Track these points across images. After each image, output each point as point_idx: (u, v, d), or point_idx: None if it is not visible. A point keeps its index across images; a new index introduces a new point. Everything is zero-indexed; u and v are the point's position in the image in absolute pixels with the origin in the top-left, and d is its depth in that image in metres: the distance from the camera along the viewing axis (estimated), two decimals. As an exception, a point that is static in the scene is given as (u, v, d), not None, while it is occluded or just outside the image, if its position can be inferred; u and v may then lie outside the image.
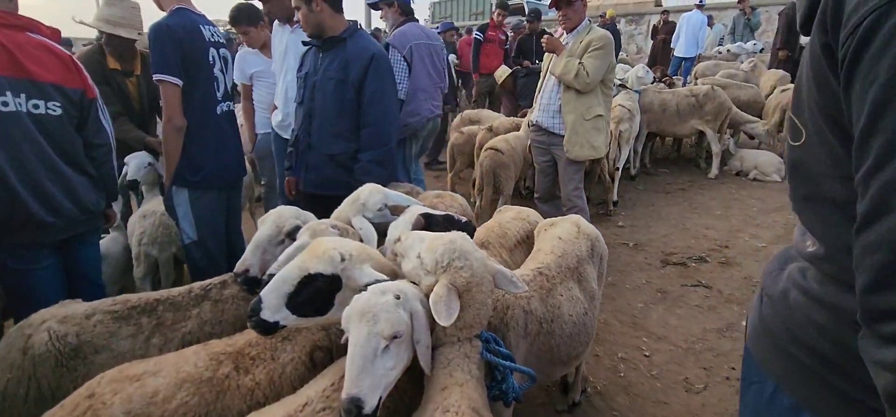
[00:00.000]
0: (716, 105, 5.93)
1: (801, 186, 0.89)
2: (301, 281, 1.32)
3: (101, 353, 1.61)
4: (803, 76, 0.83)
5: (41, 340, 1.54)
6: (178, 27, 2.30)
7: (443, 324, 1.22)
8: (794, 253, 0.99)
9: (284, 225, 1.78)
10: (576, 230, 2.00)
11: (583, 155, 3.53)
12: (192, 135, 2.43)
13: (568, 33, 3.59)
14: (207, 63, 2.44)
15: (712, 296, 3.57)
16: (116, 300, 1.74)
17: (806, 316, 0.87)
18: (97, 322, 1.65)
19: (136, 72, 3.28)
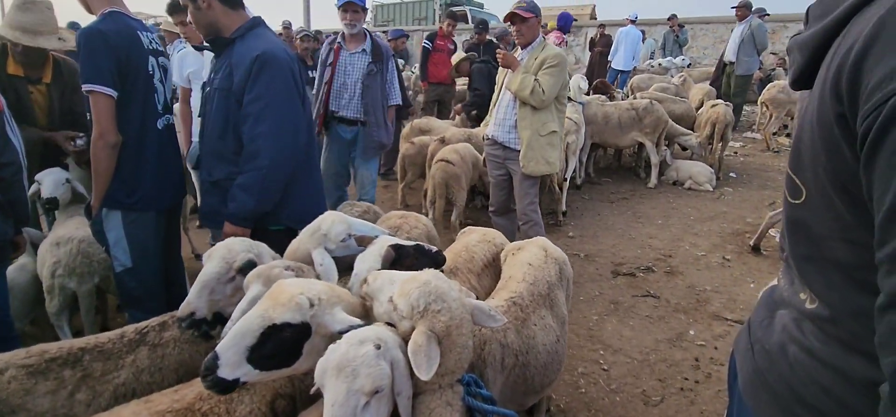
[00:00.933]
0: (654, 118, 6.24)
1: (801, 245, 0.87)
2: (264, 332, 1.17)
3: (17, 414, 1.38)
4: (805, 137, 0.80)
5: None
6: (112, 33, 2.03)
7: (423, 377, 1.11)
8: (784, 299, 0.96)
9: (234, 261, 1.58)
10: (543, 255, 1.97)
11: (538, 170, 3.55)
12: (129, 151, 2.15)
13: (523, 49, 3.62)
14: (146, 72, 2.18)
15: (661, 306, 3.71)
16: (31, 351, 1.49)
17: (809, 375, 0.85)
18: (10, 378, 1.40)
19: (46, 80, 2.90)
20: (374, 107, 3.91)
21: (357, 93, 3.89)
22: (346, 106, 3.94)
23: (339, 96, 3.94)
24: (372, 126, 3.93)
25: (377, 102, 3.93)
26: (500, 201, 3.92)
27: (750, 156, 8.15)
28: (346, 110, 3.95)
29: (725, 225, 5.27)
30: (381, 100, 3.98)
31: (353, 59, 3.90)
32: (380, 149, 4.14)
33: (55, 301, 2.49)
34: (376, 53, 3.91)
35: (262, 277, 1.44)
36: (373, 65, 3.87)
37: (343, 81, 3.91)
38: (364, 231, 1.74)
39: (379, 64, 3.91)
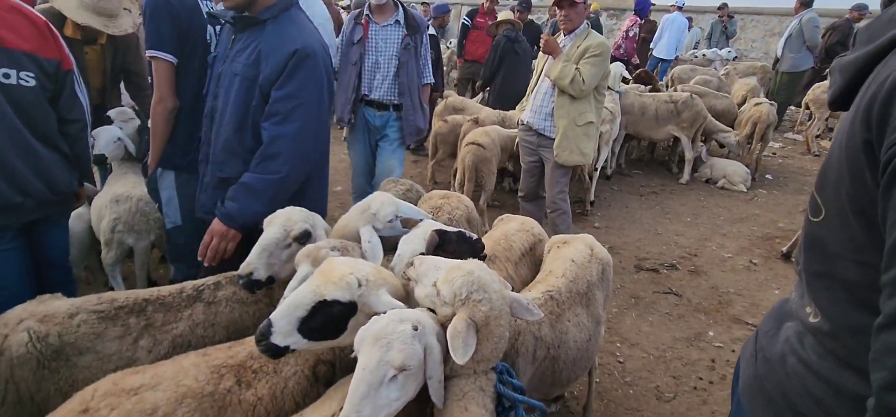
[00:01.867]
0: (693, 113, 6.11)
1: (815, 262, 0.92)
2: (314, 306, 1.27)
3: (85, 355, 1.52)
4: (834, 159, 0.85)
5: (20, 341, 1.43)
6: (176, 2, 2.14)
7: (459, 362, 1.20)
8: (791, 312, 1.02)
9: (292, 229, 1.71)
10: (589, 253, 2.01)
11: (572, 161, 3.55)
12: (185, 116, 2.28)
13: (566, 35, 3.57)
14: (204, 40, 2.28)
15: (682, 305, 3.74)
16: (102, 298, 1.64)
17: (803, 386, 0.91)
18: (81, 321, 1.54)
19: (101, 41, 3.03)
20: (409, 87, 3.47)
21: (391, 72, 3.45)
22: (379, 87, 3.48)
23: (371, 76, 3.47)
24: (407, 109, 3.51)
25: (413, 82, 3.50)
26: (529, 187, 3.96)
27: (789, 158, 7.91)
28: (378, 92, 3.49)
29: (756, 228, 5.19)
30: (417, 80, 3.55)
31: (384, 32, 3.43)
32: (417, 134, 3.69)
33: (112, 253, 2.68)
34: (411, 26, 3.45)
35: (311, 257, 1.55)
36: (409, 39, 3.42)
37: (375, 60, 3.44)
38: (410, 213, 1.83)
39: (414, 37, 3.47)
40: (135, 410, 1.27)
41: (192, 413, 1.32)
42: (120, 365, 1.51)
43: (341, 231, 1.83)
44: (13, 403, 1.42)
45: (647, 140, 6.94)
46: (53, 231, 2.20)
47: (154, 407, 1.29)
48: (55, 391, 1.43)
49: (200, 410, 1.34)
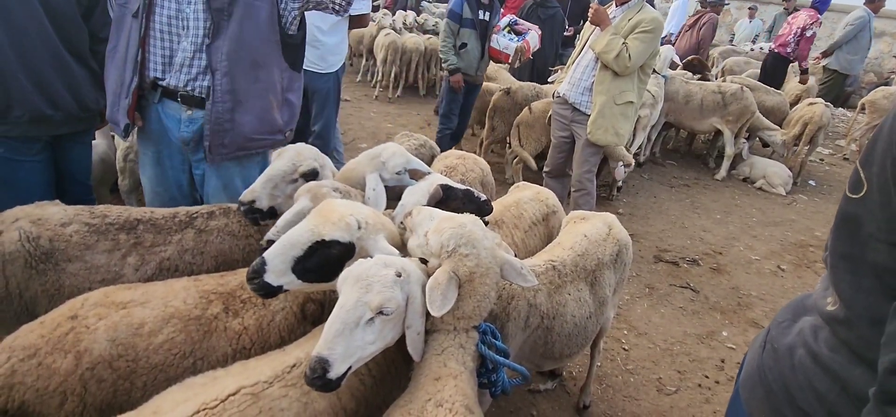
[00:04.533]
0: (741, 106, 5.78)
1: (845, 242, 0.87)
2: (311, 246, 1.25)
3: (73, 263, 1.55)
4: (885, 129, 0.80)
5: (11, 238, 1.47)
6: None
7: (434, 314, 1.17)
8: (811, 306, 0.97)
9: (301, 165, 1.70)
10: (606, 231, 1.93)
11: (605, 140, 3.39)
12: None
13: (617, 6, 3.34)
14: None
15: (698, 301, 3.60)
16: (95, 211, 1.66)
17: (808, 380, 0.87)
18: (73, 231, 1.57)
19: None
20: (234, 55, 1.76)
21: (199, 37, 1.75)
22: (190, 65, 1.79)
23: (168, 43, 1.80)
24: (221, 96, 1.77)
25: (245, 44, 1.77)
26: (556, 163, 3.83)
27: (836, 165, 7.45)
28: (188, 73, 1.80)
29: (789, 233, 4.93)
30: (262, 37, 1.81)
31: None
32: (237, 151, 1.89)
33: (126, 181, 2.77)
34: None
35: (311, 193, 1.53)
36: None
37: (176, 8, 1.75)
38: (419, 166, 1.79)
39: None
40: (122, 323, 1.30)
41: (177, 333, 1.35)
42: (107, 279, 1.54)
43: (347, 175, 1.81)
44: (2, 297, 1.46)
45: (687, 130, 6.63)
46: (78, 147, 2.26)
47: (141, 323, 1.32)
48: (42, 292, 1.47)
49: (186, 332, 1.36)
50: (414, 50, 7.47)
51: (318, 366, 1.06)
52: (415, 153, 2.87)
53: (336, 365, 1.07)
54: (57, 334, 1.23)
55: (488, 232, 1.31)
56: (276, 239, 1.43)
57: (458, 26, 4.35)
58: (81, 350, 1.23)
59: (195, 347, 1.36)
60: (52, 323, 1.25)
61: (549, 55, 6.24)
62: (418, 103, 7.68)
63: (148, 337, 1.30)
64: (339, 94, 3.51)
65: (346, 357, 1.09)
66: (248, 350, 1.43)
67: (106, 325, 1.27)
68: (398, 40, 7.29)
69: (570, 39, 7.25)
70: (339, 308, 1.14)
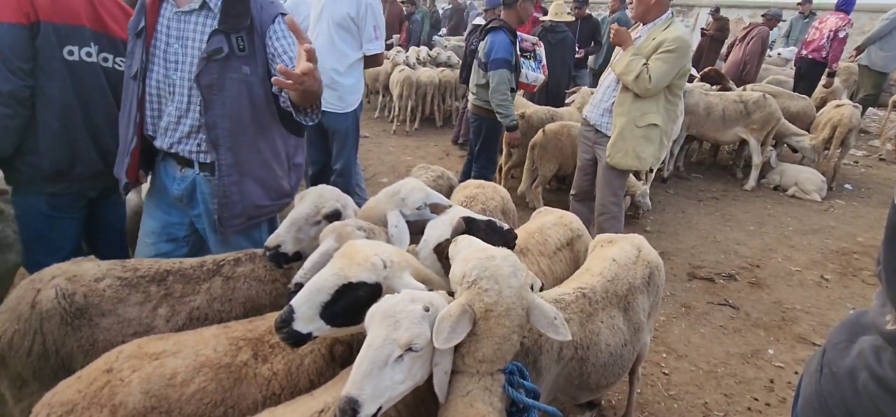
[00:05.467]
0: (765, 114, 5.65)
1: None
2: (338, 289, 1.24)
3: (107, 317, 1.57)
4: None
5: (49, 296, 1.50)
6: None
7: (436, 345, 1.12)
8: (869, 324, 0.90)
9: (323, 207, 1.71)
10: (635, 254, 1.86)
11: (625, 164, 3.26)
12: None
13: (644, 25, 3.25)
14: None
15: (739, 318, 3.44)
16: (126, 265, 1.69)
17: (875, 406, 0.80)
18: (106, 286, 1.60)
19: None
20: (234, 129, 1.78)
21: (192, 99, 1.77)
22: (174, 128, 1.83)
23: (158, 105, 1.85)
24: (227, 170, 1.80)
25: (242, 119, 1.79)
26: (581, 186, 3.73)
27: (872, 167, 7.16)
28: (171, 135, 1.84)
29: (830, 241, 4.72)
30: (258, 110, 1.82)
31: (183, 24, 1.77)
32: (248, 221, 1.93)
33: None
34: (232, 13, 1.72)
35: (336, 233, 1.52)
36: (222, 39, 1.69)
37: (164, 74, 1.80)
38: (439, 200, 1.78)
39: (239, 37, 1.72)
40: (155, 374, 1.30)
41: (208, 382, 1.34)
42: (139, 331, 1.55)
43: (368, 213, 1.81)
44: (39, 354, 1.48)
45: (711, 142, 6.50)
46: (114, 195, 2.28)
47: (173, 373, 1.32)
48: (78, 348, 1.49)
49: (217, 380, 1.35)
50: (428, 83, 7.60)
51: (347, 408, 1.03)
52: (433, 185, 2.87)
53: (366, 406, 1.04)
54: (93, 388, 1.23)
55: (521, 272, 1.26)
56: (303, 281, 1.42)
57: (511, 74, 4.04)
58: (116, 404, 1.23)
59: (226, 395, 1.35)
60: (89, 378, 1.26)
61: (563, 78, 6.27)
62: (435, 134, 7.76)
63: (180, 388, 1.30)
64: (357, 132, 3.56)
65: (375, 397, 1.06)
66: (277, 396, 1.42)
67: (140, 377, 1.27)
68: (413, 75, 7.43)
69: (583, 61, 7.28)
70: (367, 346, 1.12)
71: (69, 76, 1.91)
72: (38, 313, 1.47)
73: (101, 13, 1.98)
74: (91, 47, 1.95)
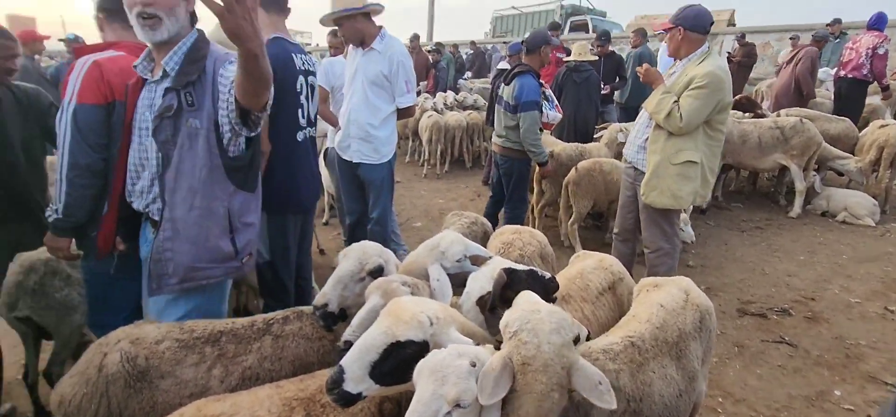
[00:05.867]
0: (804, 139, 5.47)
1: None
2: (387, 348, 1.25)
3: (166, 379, 1.62)
4: None
5: (114, 360, 1.57)
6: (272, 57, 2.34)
7: (482, 402, 1.12)
8: None
9: (367, 263, 1.74)
10: (683, 298, 1.80)
11: (660, 202, 3.17)
12: (275, 160, 2.46)
13: (679, 60, 3.23)
14: (295, 91, 2.48)
15: (798, 357, 3.25)
16: (184, 327, 1.75)
17: None
18: (165, 348, 1.66)
19: None
20: (174, 184, 1.79)
21: (153, 168, 1.82)
22: (149, 189, 1.87)
23: (136, 173, 1.88)
24: (165, 225, 1.80)
25: (183, 172, 1.78)
26: (623, 224, 3.64)
27: (931, 187, 6.76)
28: (148, 197, 1.87)
29: (891, 268, 4.44)
30: (200, 163, 1.78)
31: (153, 93, 1.84)
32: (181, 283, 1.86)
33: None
34: (185, 71, 1.76)
35: (381, 290, 1.55)
36: (173, 95, 1.74)
37: (138, 142, 1.86)
38: (479, 252, 1.79)
39: (189, 92, 1.76)
40: (214, 437, 1.33)
41: (264, 444, 1.36)
42: (195, 392, 1.59)
43: (409, 267, 1.83)
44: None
45: (749, 169, 6.32)
46: None
47: (231, 436, 1.34)
48: (139, 410, 1.53)
49: (272, 441, 1.37)
50: (456, 127, 7.77)
51: None
52: (467, 231, 2.89)
53: None
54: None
55: (565, 329, 1.24)
56: (352, 338, 1.45)
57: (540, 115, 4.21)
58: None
59: (281, 457, 1.36)
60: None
61: (590, 115, 6.30)
62: (466, 176, 7.84)
63: (238, 451, 1.32)
64: (393, 181, 3.65)
65: None
66: (330, 456, 1.42)
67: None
68: (441, 120, 7.61)
69: (609, 97, 7.31)
70: (415, 402, 1.12)
71: None
72: (105, 376, 1.54)
73: None
74: None
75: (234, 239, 1.87)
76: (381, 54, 3.29)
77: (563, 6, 17.12)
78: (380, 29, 3.34)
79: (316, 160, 2.79)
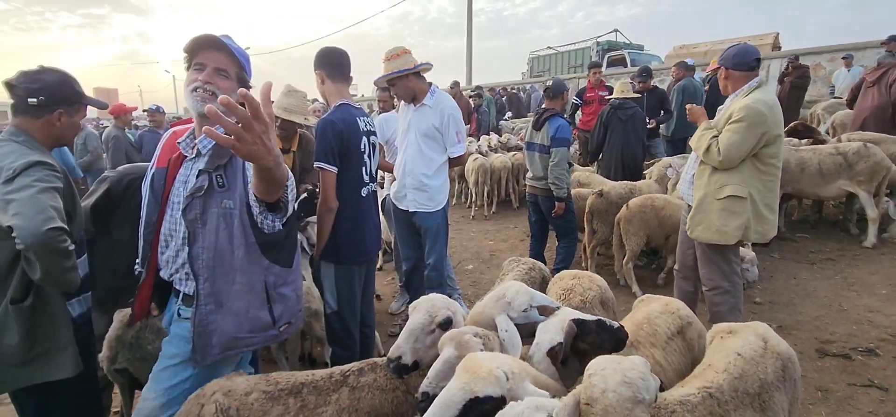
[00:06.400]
0: (870, 165, 5.18)
1: None
2: (466, 404, 1.30)
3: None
4: None
5: (210, 412, 1.69)
6: (339, 121, 2.57)
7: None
8: None
9: (436, 316, 1.81)
10: (761, 346, 1.75)
11: (705, 237, 3.13)
12: (341, 215, 2.63)
13: (729, 94, 3.21)
14: (359, 151, 2.67)
15: (889, 401, 2.99)
16: (269, 379, 1.86)
17: None
18: (254, 400, 1.76)
19: (293, 149, 3.76)
20: (212, 261, 1.82)
21: (179, 240, 1.88)
22: (174, 260, 1.91)
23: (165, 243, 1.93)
24: (205, 299, 1.83)
25: (221, 250, 1.81)
26: (684, 261, 3.57)
27: None
28: (172, 268, 1.92)
29: None
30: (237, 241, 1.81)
31: (187, 170, 1.90)
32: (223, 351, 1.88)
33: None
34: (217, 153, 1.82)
35: (455, 341, 1.61)
36: (204, 177, 1.79)
37: (170, 214, 1.90)
38: (545, 302, 1.82)
39: (220, 174, 1.81)
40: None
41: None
42: (279, 442, 1.68)
43: (476, 318, 1.88)
44: None
45: (811, 198, 6.01)
46: None
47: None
48: (228, 457, 1.63)
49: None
50: (502, 168, 7.90)
51: None
52: (526, 279, 2.91)
53: None
54: None
55: (640, 387, 1.24)
56: (429, 389, 1.51)
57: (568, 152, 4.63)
58: None
59: None
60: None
61: (638, 151, 6.25)
62: (513, 216, 7.87)
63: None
64: (447, 227, 3.75)
65: None
66: None
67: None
68: (486, 162, 7.76)
69: (654, 131, 7.23)
70: None
71: None
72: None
73: None
74: None
75: (271, 309, 1.91)
76: (432, 109, 3.46)
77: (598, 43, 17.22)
78: (430, 85, 3.53)
79: (378, 212, 2.94)
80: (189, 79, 1.79)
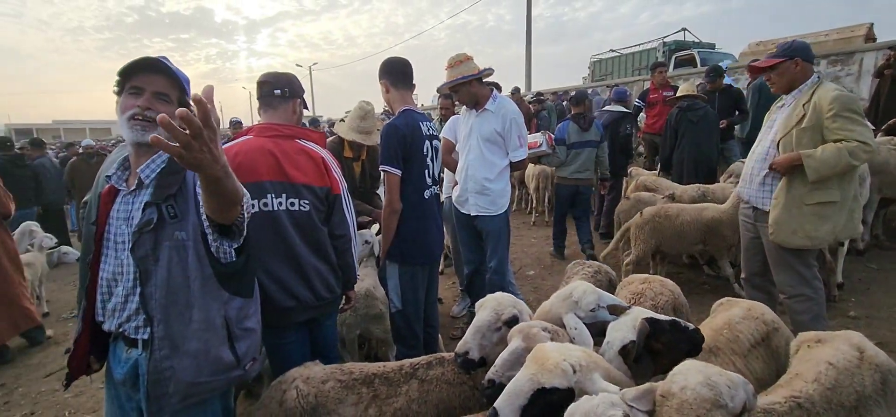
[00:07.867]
0: None
1: None
2: (534, 394, 1.32)
3: (331, 415, 1.83)
4: None
5: (291, 396, 1.82)
6: (403, 126, 2.67)
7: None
8: None
9: (503, 313, 1.84)
10: (857, 356, 1.61)
11: (792, 242, 2.88)
12: (406, 216, 2.72)
13: (786, 96, 3.01)
14: (422, 154, 2.76)
15: None
16: (344, 369, 1.97)
17: None
18: (330, 388, 1.88)
19: (362, 158, 4.00)
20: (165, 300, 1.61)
21: (130, 282, 1.64)
22: (122, 308, 1.66)
23: (107, 290, 1.69)
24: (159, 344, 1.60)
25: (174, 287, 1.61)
26: (751, 268, 3.33)
27: None
28: (121, 316, 1.66)
29: None
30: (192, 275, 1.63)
31: (129, 204, 1.67)
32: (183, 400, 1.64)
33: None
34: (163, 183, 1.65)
35: (523, 334, 1.63)
36: (152, 210, 1.61)
37: (115, 256, 1.66)
38: (614, 301, 1.79)
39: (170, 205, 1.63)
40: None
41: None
42: (353, 428, 1.76)
43: (542, 316, 1.88)
44: None
45: (916, 203, 5.40)
46: (322, 329, 2.45)
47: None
48: (306, 441, 1.73)
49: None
50: (563, 174, 7.74)
51: None
52: (592, 280, 2.85)
53: None
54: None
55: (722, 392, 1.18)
56: (495, 377, 1.54)
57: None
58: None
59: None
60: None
61: (712, 153, 5.92)
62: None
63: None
64: (509, 231, 3.76)
65: None
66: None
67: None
68: (547, 168, 7.65)
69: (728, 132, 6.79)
70: None
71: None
72: (284, 410, 1.79)
73: (283, 165, 2.14)
74: (268, 198, 2.12)
75: (234, 346, 1.69)
76: (494, 114, 3.49)
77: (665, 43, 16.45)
78: (492, 91, 3.57)
79: (440, 214, 3.01)
80: (125, 105, 1.56)
